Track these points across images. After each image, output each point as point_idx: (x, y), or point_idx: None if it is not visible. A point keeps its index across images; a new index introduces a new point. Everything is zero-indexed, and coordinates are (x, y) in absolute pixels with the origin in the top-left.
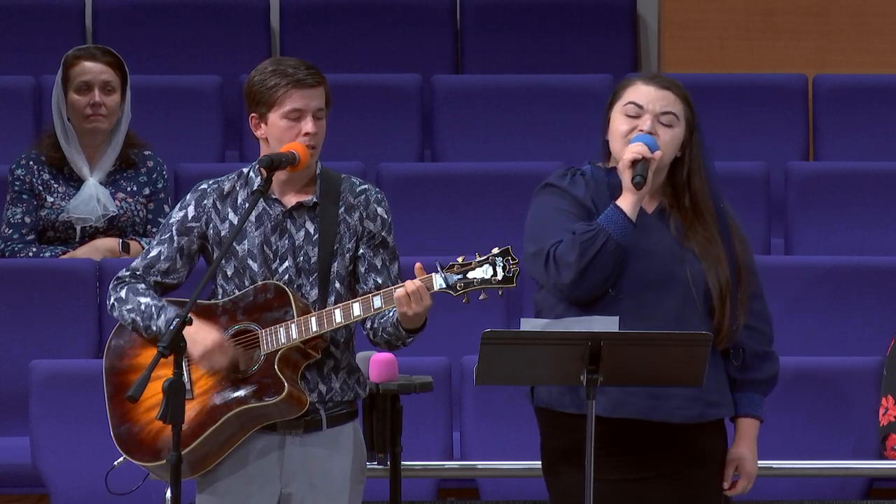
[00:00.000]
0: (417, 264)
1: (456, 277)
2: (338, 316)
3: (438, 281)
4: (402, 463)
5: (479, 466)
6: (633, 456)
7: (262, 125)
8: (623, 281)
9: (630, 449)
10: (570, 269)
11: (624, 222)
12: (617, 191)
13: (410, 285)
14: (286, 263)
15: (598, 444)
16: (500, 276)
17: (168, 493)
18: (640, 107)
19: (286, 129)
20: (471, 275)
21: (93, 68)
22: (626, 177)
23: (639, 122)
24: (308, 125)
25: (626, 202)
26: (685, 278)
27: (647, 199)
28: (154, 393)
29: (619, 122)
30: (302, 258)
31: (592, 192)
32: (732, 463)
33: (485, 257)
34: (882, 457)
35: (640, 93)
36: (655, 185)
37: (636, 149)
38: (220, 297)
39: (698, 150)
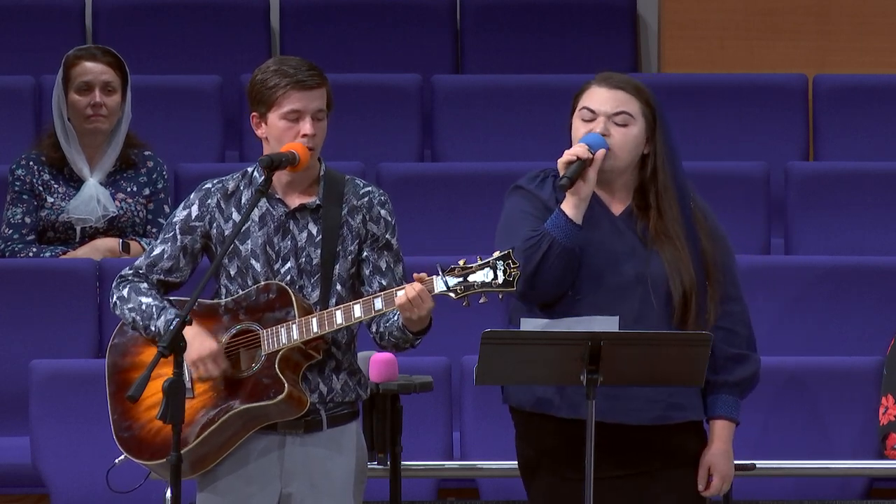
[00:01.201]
0: (418, 274)
1: (456, 280)
2: (339, 317)
3: (439, 284)
4: (402, 463)
5: (479, 466)
6: (609, 456)
7: (263, 125)
8: (582, 282)
9: (604, 449)
10: (520, 278)
11: (567, 225)
12: None
13: (411, 290)
14: (288, 264)
15: (572, 446)
16: (500, 279)
17: (168, 493)
18: (592, 111)
19: (285, 129)
20: (471, 278)
21: (93, 69)
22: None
23: (593, 125)
24: (306, 126)
25: (568, 204)
26: (645, 280)
27: (616, 200)
28: (155, 392)
29: (577, 128)
30: (304, 259)
31: (559, 194)
32: (704, 465)
33: (486, 261)
34: (882, 457)
35: (593, 96)
36: (621, 185)
37: (573, 150)
38: (223, 296)
39: (663, 147)
